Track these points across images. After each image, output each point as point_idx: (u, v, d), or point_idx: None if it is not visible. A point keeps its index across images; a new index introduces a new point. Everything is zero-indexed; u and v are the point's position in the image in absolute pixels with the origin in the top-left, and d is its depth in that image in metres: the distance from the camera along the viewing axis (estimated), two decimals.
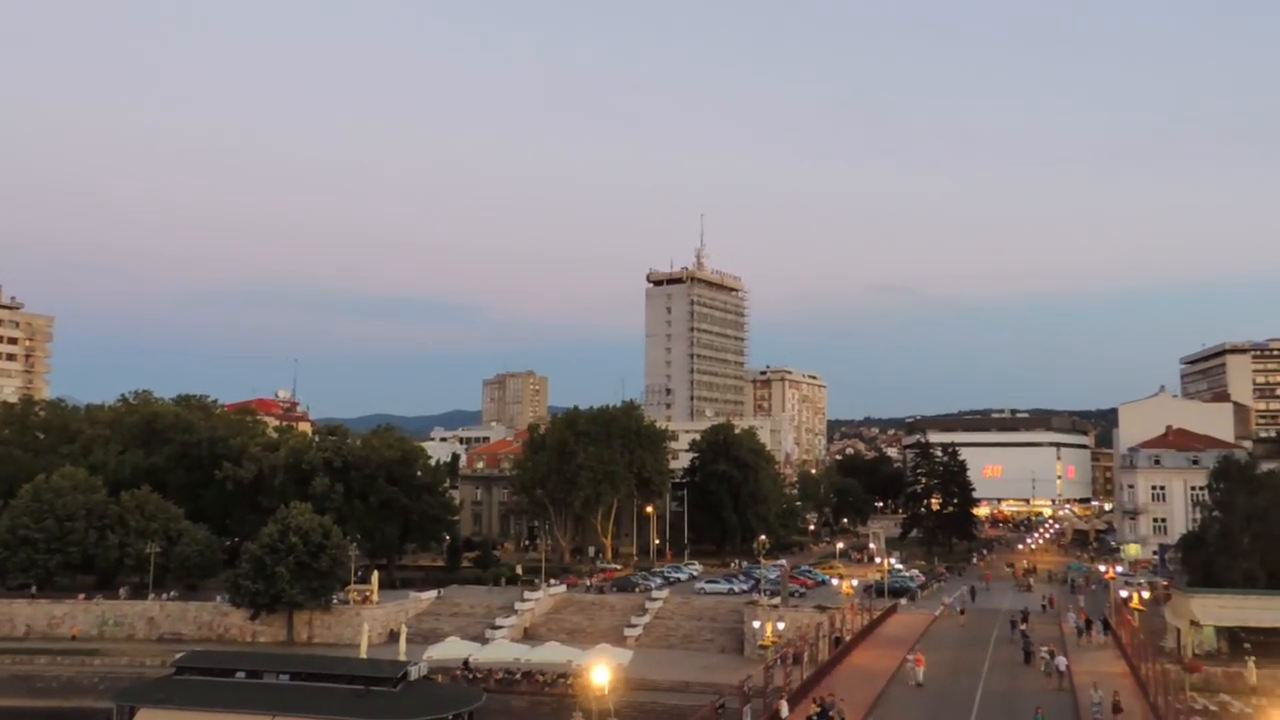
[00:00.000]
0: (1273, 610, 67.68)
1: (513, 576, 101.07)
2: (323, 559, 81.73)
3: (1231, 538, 76.56)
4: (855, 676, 52.77)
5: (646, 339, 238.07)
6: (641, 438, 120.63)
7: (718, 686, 59.14)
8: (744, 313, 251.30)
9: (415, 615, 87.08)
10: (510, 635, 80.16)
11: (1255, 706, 55.75)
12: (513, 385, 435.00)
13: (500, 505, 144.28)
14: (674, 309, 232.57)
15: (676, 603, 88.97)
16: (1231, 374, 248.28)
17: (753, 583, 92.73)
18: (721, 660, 75.34)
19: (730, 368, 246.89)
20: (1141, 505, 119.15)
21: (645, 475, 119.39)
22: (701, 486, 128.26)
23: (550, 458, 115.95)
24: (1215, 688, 61.32)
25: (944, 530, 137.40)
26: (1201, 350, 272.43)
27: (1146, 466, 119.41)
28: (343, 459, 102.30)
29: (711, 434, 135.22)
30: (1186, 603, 70.60)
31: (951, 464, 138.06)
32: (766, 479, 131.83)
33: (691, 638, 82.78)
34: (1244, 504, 77.10)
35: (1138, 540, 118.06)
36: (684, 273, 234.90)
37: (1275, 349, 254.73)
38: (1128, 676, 53.99)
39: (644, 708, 62.57)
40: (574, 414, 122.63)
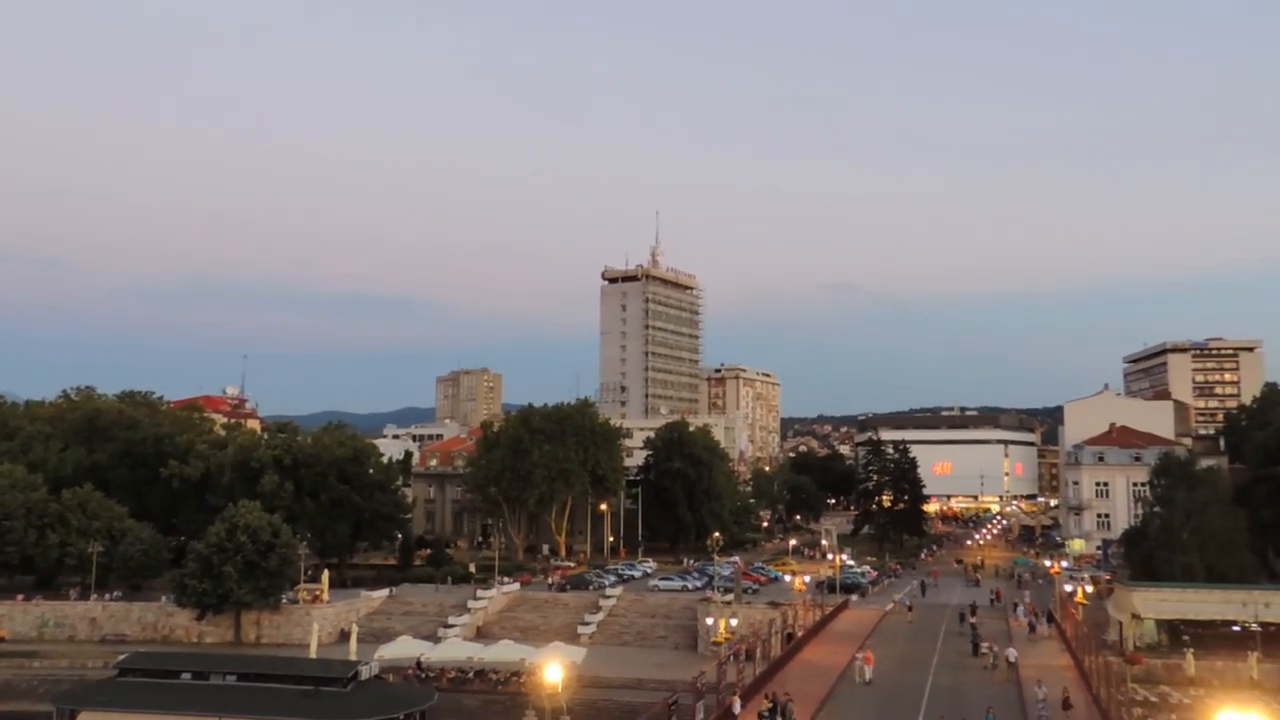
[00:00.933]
0: (1210, 603, 69.53)
1: (466, 575, 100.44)
2: (272, 558, 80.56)
3: (1172, 533, 78.36)
4: (807, 672, 53.27)
5: (601, 336, 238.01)
6: (596, 435, 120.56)
7: (671, 683, 59.32)
8: (699, 310, 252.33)
9: (367, 614, 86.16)
10: (463, 634, 79.68)
11: (1193, 697, 57.28)
12: (467, 382, 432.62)
13: (454, 503, 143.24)
14: (629, 306, 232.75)
15: (630, 600, 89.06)
16: (1172, 373, 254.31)
17: (706, 580, 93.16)
18: (675, 657, 75.54)
19: (685, 365, 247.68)
20: (1086, 501, 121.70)
21: (600, 473, 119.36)
22: (656, 484, 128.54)
23: (504, 455, 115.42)
24: (1155, 679, 62.84)
25: (895, 526, 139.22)
26: (1144, 350, 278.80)
27: (1091, 463, 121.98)
28: (293, 457, 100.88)
29: (666, 431, 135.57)
30: (1128, 596, 72.24)
31: (902, 461, 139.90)
32: (720, 476, 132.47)
33: (645, 635, 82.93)
34: (1183, 500, 79.01)
35: (1082, 535, 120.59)
36: (639, 270, 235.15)
37: (1214, 349, 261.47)
38: (1072, 669, 55.14)
39: (597, 705, 62.52)
40: (529, 411, 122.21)
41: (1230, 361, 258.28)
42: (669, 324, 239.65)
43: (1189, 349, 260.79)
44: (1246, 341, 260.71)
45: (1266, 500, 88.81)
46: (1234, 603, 68.33)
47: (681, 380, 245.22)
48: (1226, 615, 68.24)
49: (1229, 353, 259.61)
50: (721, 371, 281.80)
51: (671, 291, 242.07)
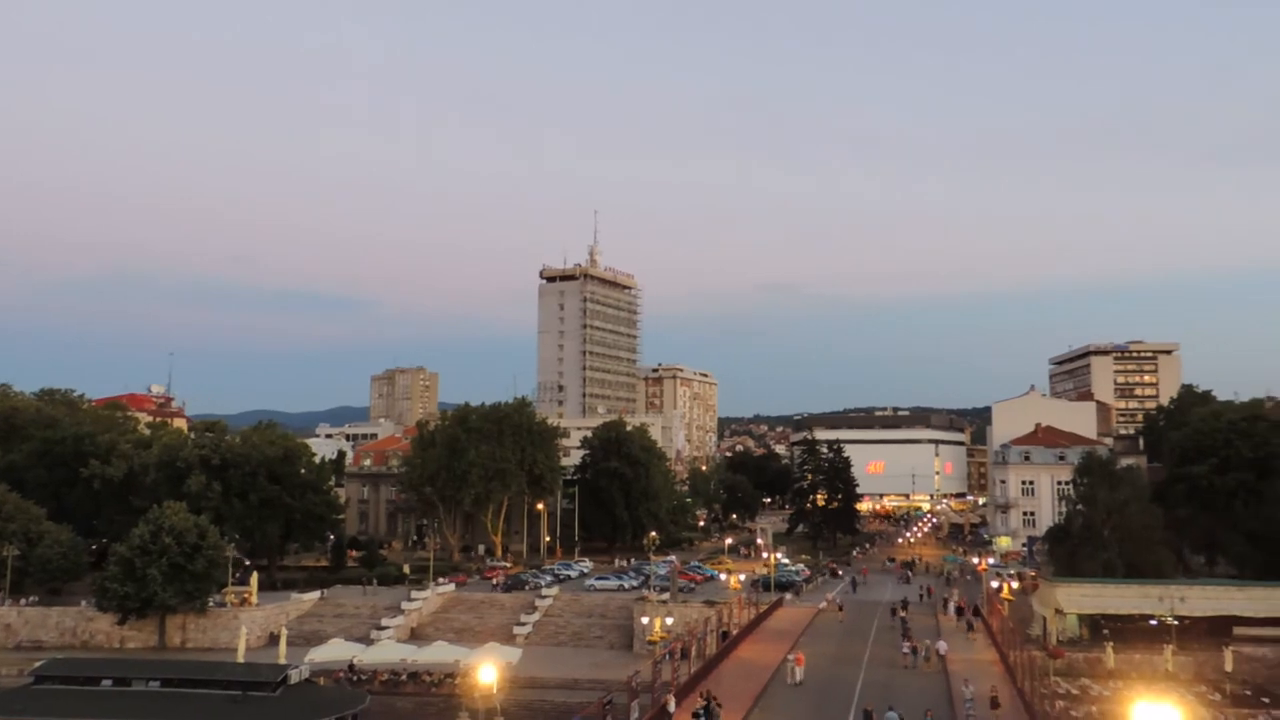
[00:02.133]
0: (1129, 598, 71.79)
1: (400, 576, 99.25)
2: (198, 560, 78.71)
3: (1093, 530, 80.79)
4: (741, 670, 53.76)
5: (539, 335, 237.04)
6: (533, 435, 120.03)
7: (606, 683, 59.43)
8: (637, 310, 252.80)
9: (297, 617, 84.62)
10: (397, 635, 78.75)
11: (1112, 689, 59.06)
12: (402, 381, 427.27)
13: (388, 503, 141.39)
14: (567, 306, 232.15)
15: (566, 600, 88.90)
16: (1095, 374, 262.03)
17: (643, 579, 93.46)
18: (611, 656, 75.63)
19: (623, 365, 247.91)
20: (1012, 499, 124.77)
21: (537, 472, 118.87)
22: (593, 484, 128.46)
23: (440, 455, 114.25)
24: (1077, 672, 64.70)
25: (829, 525, 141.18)
26: (1068, 351, 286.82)
27: (1017, 462, 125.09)
28: (221, 456, 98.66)
29: (603, 431, 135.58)
30: (1052, 592, 74.24)
31: (837, 461, 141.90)
32: (658, 476, 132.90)
33: (581, 635, 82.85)
34: (1105, 498, 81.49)
35: (1009, 533, 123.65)
36: (577, 269, 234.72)
37: (1135, 351, 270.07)
38: (998, 664, 56.51)
39: (532, 706, 62.29)
40: (465, 410, 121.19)
41: (1149, 364, 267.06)
42: (607, 323, 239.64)
43: (1111, 351, 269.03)
44: (1165, 344, 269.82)
45: (1182, 498, 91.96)
46: (1151, 597, 70.62)
47: (619, 380, 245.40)
48: (1144, 609, 70.52)
49: (1148, 355, 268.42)
50: (659, 371, 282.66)
51: (610, 291, 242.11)
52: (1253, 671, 64.57)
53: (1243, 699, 59.97)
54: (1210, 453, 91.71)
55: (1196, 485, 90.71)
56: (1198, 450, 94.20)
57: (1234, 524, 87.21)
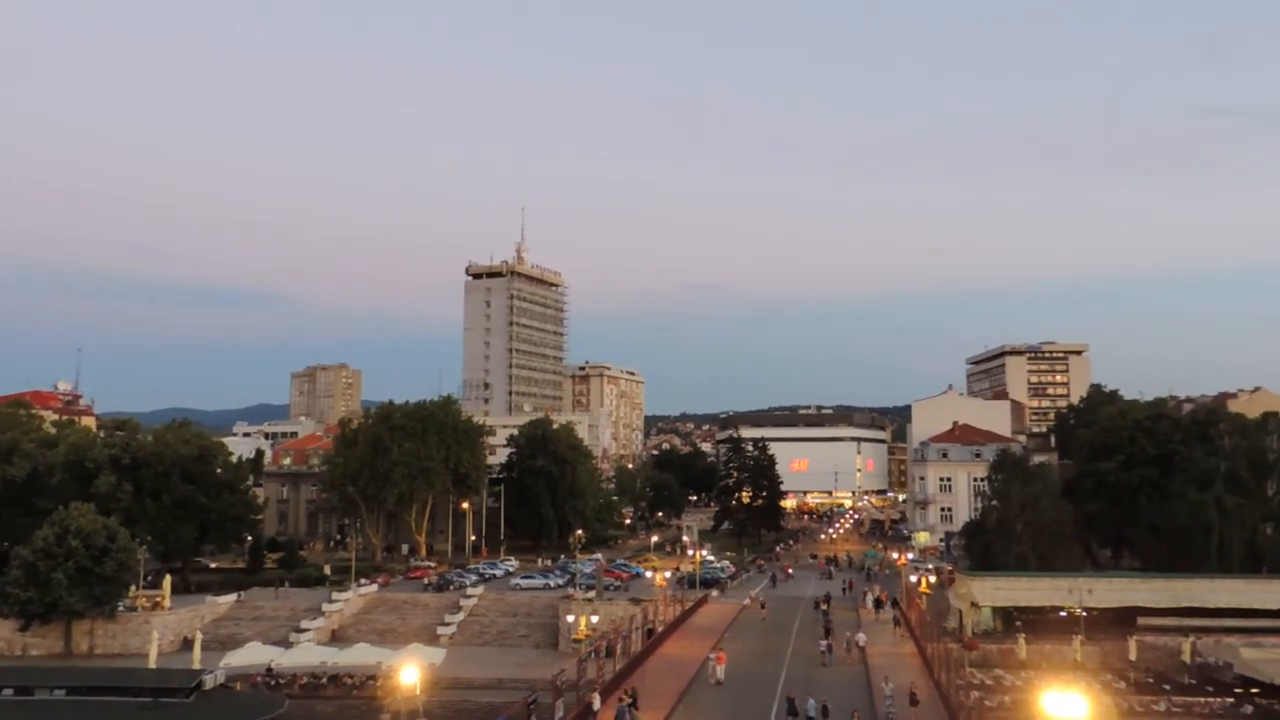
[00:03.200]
0: (1040, 590, 74.24)
1: (321, 577, 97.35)
2: (107, 563, 76.01)
3: (1007, 524, 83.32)
4: (667, 667, 54.08)
5: (465, 333, 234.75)
6: (459, 433, 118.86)
7: (531, 682, 59.22)
8: (564, 308, 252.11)
9: (212, 621, 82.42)
10: (317, 638, 77.19)
11: (1024, 679, 60.93)
12: (324, 378, 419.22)
13: (308, 503, 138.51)
14: (493, 303, 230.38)
15: (492, 599, 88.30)
16: (1010, 374, 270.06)
17: (569, 577, 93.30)
18: (536, 655, 75.41)
19: (549, 363, 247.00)
20: (931, 496, 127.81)
21: (462, 471, 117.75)
22: (519, 482, 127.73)
23: (363, 453, 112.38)
24: (991, 663, 66.59)
25: (754, 522, 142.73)
26: (985, 352, 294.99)
27: (935, 459, 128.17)
28: (132, 456, 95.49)
29: (530, 429, 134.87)
30: (968, 585, 76.30)
31: (761, 458, 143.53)
32: (584, 474, 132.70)
33: (506, 634, 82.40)
34: (1018, 493, 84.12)
35: (927, 528, 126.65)
36: (504, 266, 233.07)
37: (1047, 352, 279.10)
38: (916, 656, 57.89)
39: (456, 707, 61.70)
40: (389, 408, 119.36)
41: (1061, 364, 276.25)
42: (534, 321, 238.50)
43: (1025, 352, 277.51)
44: (1075, 345, 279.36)
45: (1091, 494, 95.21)
46: (1061, 589, 73.17)
47: (546, 378, 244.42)
48: (1055, 601, 73.00)
49: (1060, 356, 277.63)
50: (586, 369, 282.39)
51: (537, 288, 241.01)
52: (1155, 660, 67.30)
53: (1145, 686, 62.48)
54: (1117, 450, 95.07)
55: (1104, 481, 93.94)
56: (1105, 447, 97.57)
57: (1138, 518, 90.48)
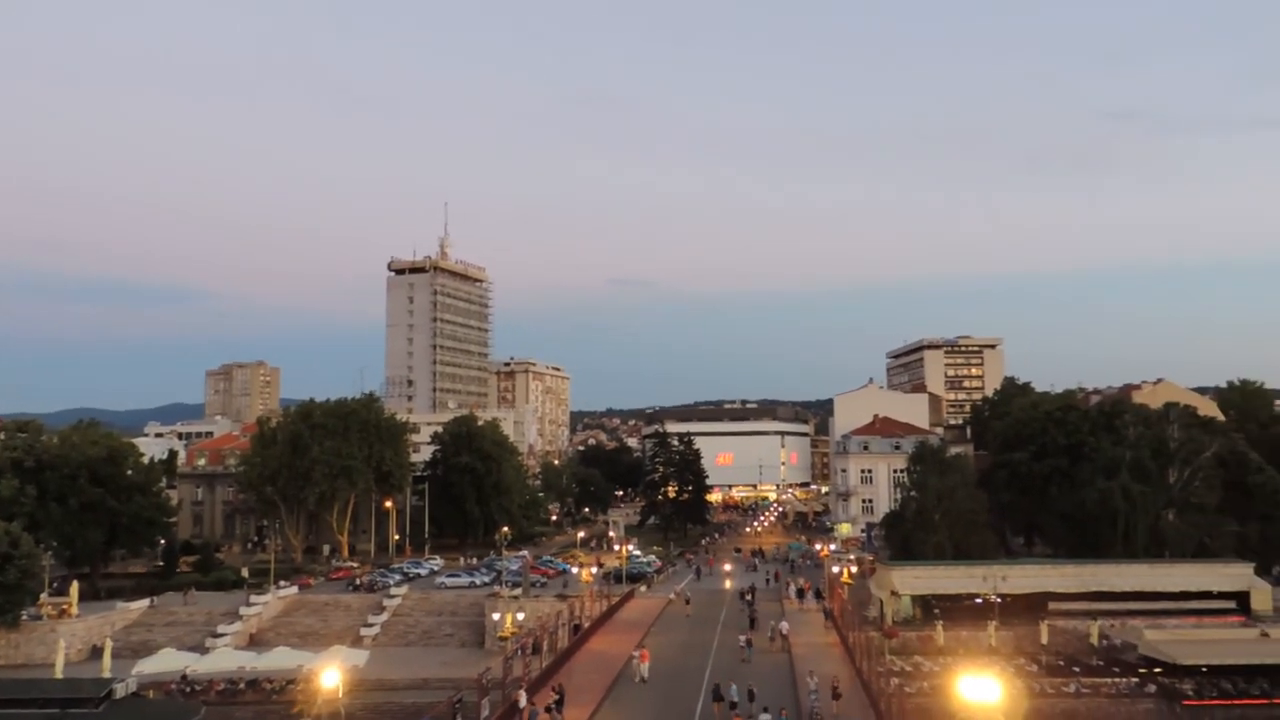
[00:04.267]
0: (956, 578, 76.28)
1: (238, 580, 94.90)
2: (9, 571, 72.88)
3: (925, 515, 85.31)
4: (593, 663, 54.10)
5: (387, 329, 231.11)
6: (381, 430, 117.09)
7: (457, 681, 58.73)
8: (488, 304, 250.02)
9: (123, 627, 79.74)
10: (234, 643, 75.36)
11: (942, 665, 62.51)
12: (240, 376, 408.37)
13: (225, 504, 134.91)
14: (416, 299, 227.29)
15: (416, 599, 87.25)
16: (928, 367, 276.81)
17: (495, 575, 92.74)
18: (462, 654, 74.77)
19: (474, 359, 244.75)
20: (852, 488, 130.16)
21: (385, 469, 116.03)
22: (444, 480, 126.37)
23: (282, 452, 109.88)
24: (910, 651, 68.16)
25: (680, 516, 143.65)
26: (904, 346, 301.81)
27: (857, 452, 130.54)
28: (35, 458, 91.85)
29: (454, 426, 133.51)
30: (888, 575, 77.99)
31: (687, 453, 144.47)
32: (509, 471, 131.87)
33: (431, 634, 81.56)
34: (936, 484, 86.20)
35: (849, 520, 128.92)
36: (427, 262, 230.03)
37: (963, 346, 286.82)
38: (838, 645, 58.98)
39: (379, 708, 60.81)
40: (309, 406, 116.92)
41: (976, 357, 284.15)
42: (458, 317, 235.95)
43: (942, 346, 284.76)
44: (990, 339, 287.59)
45: (1005, 484, 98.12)
46: (976, 577, 75.25)
47: (470, 374, 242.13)
48: (970, 589, 75.05)
49: (975, 349, 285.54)
50: (511, 365, 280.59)
51: (460, 284, 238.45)
52: (1065, 643, 69.72)
53: (1056, 669, 64.68)
54: (1029, 441, 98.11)
55: (1017, 471, 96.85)
56: (1018, 438, 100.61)
57: (1049, 506, 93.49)
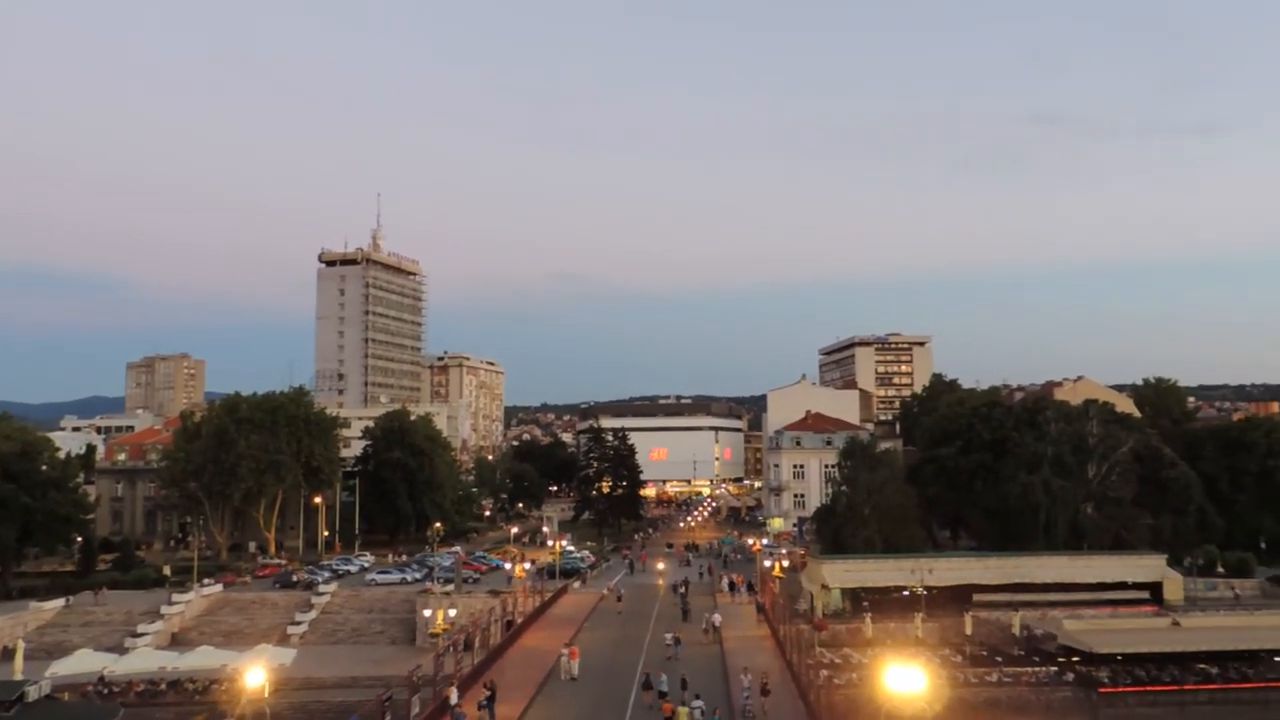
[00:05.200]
0: (885, 571, 77.69)
1: (160, 578, 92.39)
2: None
3: (855, 509, 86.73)
4: (525, 659, 53.86)
5: (318, 322, 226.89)
6: (311, 425, 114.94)
7: (387, 679, 57.98)
8: (422, 297, 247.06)
9: (37, 628, 76.96)
10: (155, 642, 73.34)
11: (870, 656, 63.60)
12: (163, 369, 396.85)
13: (146, 500, 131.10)
14: (348, 291, 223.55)
15: (345, 596, 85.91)
16: (859, 364, 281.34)
17: (426, 571, 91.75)
18: (392, 652, 73.88)
19: (407, 353, 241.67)
20: (785, 482, 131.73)
21: (314, 464, 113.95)
22: (375, 475, 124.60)
23: (206, 447, 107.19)
24: (840, 643, 69.25)
25: (614, 511, 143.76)
26: (836, 342, 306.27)
27: (789, 447, 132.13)
28: None
29: (386, 421, 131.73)
30: (818, 568, 79.13)
31: (622, 448, 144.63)
32: (442, 466, 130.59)
33: (361, 631, 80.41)
34: (866, 479, 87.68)
35: (781, 514, 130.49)
36: (359, 253, 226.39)
37: (893, 343, 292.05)
38: (769, 638, 59.62)
39: (307, 707, 59.74)
40: (235, 400, 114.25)
41: (906, 354, 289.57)
42: (390, 310, 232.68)
43: (873, 343, 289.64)
44: (919, 337, 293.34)
45: (932, 478, 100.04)
46: (904, 570, 76.74)
47: (403, 368, 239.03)
48: (898, 581, 76.52)
49: (905, 347, 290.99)
50: (445, 359, 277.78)
51: (393, 276, 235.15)
52: (988, 633, 71.56)
53: (980, 659, 66.37)
54: (955, 436, 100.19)
55: (944, 466, 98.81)
56: (945, 434, 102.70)
57: (974, 500, 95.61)
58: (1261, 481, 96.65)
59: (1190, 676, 62.17)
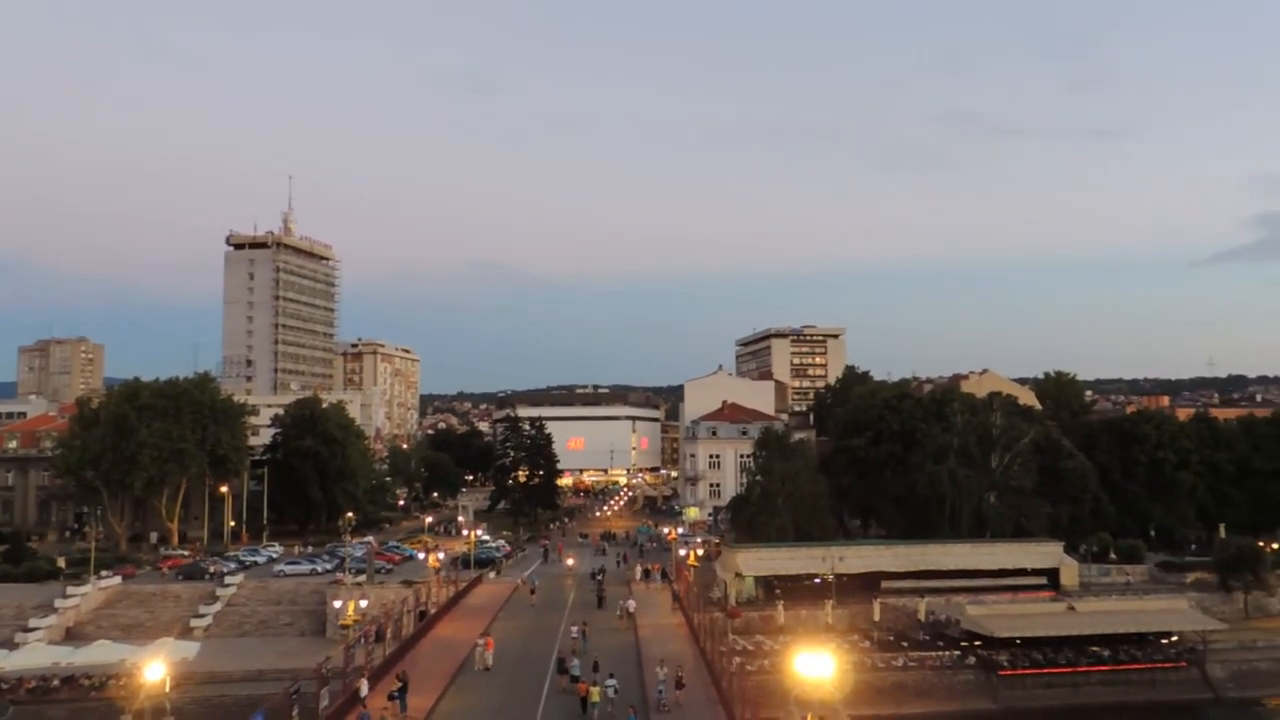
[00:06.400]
0: (797, 559, 79.13)
1: (53, 570, 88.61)
2: None
3: (769, 498, 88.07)
4: (439, 649, 53.38)
5: (226, 306, 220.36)
6: (217, 412, 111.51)
7: (295, 672, 56.68)
8: (335, 282, 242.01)
9: None
10: (48, 637, 70.25)
11: (782, 643, 64.73)
12: (59, 353, 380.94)
13: (40, 490, 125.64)
14: (257, 275, 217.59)
15: (253, 587, 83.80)
16: (774, 355, 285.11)
17: (338, 562, 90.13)
18: (301, 644, 72.40)
19: (319, 339, 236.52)
20: (701, 472, 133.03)
21: (220, 453, 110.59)
22: (285, 464, 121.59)
23: (105, 435, 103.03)
24: (752, 630, 70.35)
25: (531, 501, 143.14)
26: (752, 334, 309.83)
27: (705, 437, 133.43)
28: None
29: (296, 408, 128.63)
30: (733, 557, 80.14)
31: (539, 437, 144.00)
32: (355, 455, 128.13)
33: (269, 623, 78.58)
34: (780, 469, 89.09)
35: (697, 504, 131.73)
36: (269, 237, 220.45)
37: (808, 335, 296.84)
38: (683, 626, 60.19)
39: (210, 702, 58.21)
40: (135, 386, 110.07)
41: (820, 346, 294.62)
42: (302, 295, 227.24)
43: (788, 334, 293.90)
44: (833, 329, 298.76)
45: (844, 468, 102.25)
46: (816, 558, 78.26)
47: (315, 355, 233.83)
48: (810, 569, 78.00)
49: (819, 338, 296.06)
50: (359, 346, 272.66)
51: (305, 261, 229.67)
52: (895, 619, 73.54)
53: (887, 644, 68.16)
54: (867, 426, 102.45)
55: (855, 456, 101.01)
56: (857, 424, 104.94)
57: (884, 490, 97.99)
58: (1151, 472, 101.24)
59: (1084, 659, 64.97)
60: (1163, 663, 65.88)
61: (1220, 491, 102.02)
